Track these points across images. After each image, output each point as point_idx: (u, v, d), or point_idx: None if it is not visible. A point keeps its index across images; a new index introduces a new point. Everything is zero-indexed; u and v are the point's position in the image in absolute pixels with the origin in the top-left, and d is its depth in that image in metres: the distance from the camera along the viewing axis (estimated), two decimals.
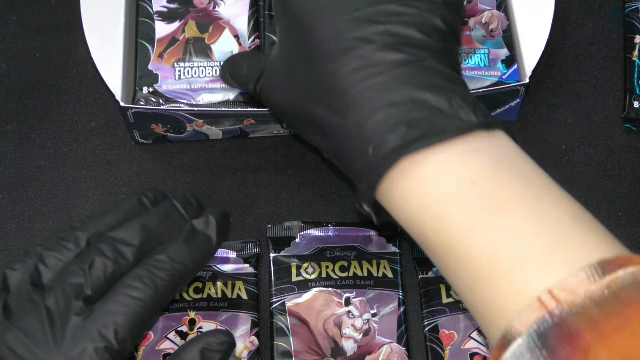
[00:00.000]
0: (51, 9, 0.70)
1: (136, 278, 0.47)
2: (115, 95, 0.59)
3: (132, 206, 0.52)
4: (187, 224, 0.51)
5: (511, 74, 0.63)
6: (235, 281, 0.59)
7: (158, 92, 0.61)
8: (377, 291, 0.60)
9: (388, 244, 0.61)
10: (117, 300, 0.47)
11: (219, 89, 0.62)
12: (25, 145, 0.65)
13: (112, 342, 0.46)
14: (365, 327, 0.58)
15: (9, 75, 0.68)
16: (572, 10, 0.71)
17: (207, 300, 0.59)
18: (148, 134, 0.63)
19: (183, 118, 0.61)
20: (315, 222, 0.62)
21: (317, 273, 0.60)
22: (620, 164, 0.65)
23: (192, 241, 0.51)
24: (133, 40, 0.64)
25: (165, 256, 0.49)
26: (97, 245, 0.49)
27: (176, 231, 0.51)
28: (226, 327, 0.58)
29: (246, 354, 0.57)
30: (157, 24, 0.64)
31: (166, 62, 0.63)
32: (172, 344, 0.57)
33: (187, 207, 0.53)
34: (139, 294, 0.47)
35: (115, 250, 0.48)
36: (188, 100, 0.61)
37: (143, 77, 0.62)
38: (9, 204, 0.63)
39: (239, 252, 0.61)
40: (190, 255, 0.50)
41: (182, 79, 0.62)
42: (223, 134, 0.64)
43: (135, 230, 0.50)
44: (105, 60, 0.61)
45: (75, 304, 0.46)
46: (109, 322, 0.46)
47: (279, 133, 0.65)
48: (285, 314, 0.59)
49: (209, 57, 0.63)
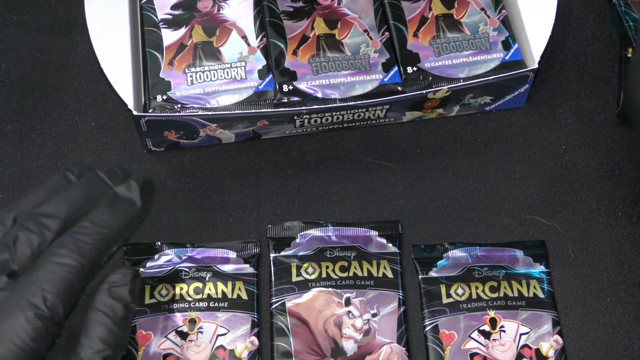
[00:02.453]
0: (51, 9, 0.70)
1: (60, 245, 0.47)
2: (127, 104, 0.59)
3: (56, 182, 0.52)
4: (109, 190, 0.52)
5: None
6: (235, 281, 0.59)
7: (172, 99, 0.61)
8: (377, 291, 0.60)
9: (388, 244, 0.61)
10: (42, 268, 0.46)
11: (232, 90, 0.62)
12: (25, 145, 0.65)
13: (42, 308, 0.45)
14: (365, 327, 0.58)
15: (9, 75, 0.68)
16: (572, 10, 0.71)
17: (207, 300, 0.59)
18: (160, 141, 0.63)
19: (196, 123, 0.61)
20: (315, 222, 0.62)
21: (317, 273, 0.60)
22: (620, 164, 0.65)
23: (114, 205, 0.50)
24: (140, 50, 0.64)
25: (88, 221, 0.49)
26: (21, 222, 0.49)
27: (101, 200, 0.51)
28: (226, 327, 0.58)
29: (246, 354, 0.57)
30: (163, 31, 0.64)
31: (177, 68, 0.63)
32: (172, 344, 0.57)
33: (111, 176, 0.53)
34: (63, 259, 0.47)
35: (40, 223, 0.48)
36: (203, 104, 0.61)
37: (155, 85, 0.62)
38: (9, 204, 0.63)
39: (239, 252, 0.61)
40: (114, 219, 0.50)
41: (195, 84, 0.62)
42: (236, 137, 0.64)
43: (59, 202, 0.49)
44: (116, 72, 0.61)
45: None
46: (35, 290, 0.45)
47: (292, 133, 0.65)
48: (285, 314, 0.59)
49: (219, 60, 0.63)
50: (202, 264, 0.60)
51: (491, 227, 0.63)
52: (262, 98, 0.62)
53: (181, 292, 0.59)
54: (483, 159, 0.66)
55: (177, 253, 0.60)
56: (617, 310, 0.60)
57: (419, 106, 0.64)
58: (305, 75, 0.63)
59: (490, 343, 0.58)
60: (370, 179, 0.65)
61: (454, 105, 0.65)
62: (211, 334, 0.58)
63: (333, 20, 0.65)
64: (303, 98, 0.62)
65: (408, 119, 0.66)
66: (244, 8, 0.66)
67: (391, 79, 0.63)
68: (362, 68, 0.63)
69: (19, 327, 0.45)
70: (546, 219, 0.63)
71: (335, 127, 0.65)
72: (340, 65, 0.63)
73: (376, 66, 0.63)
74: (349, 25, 0.65)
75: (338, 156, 0.66)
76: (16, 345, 0.45)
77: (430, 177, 0.65)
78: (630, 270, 0.62)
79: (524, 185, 0.65)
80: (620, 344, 0.59)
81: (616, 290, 0.61)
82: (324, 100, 0.62)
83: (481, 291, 0.60)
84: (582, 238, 0.63)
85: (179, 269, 0.60)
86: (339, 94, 0.62)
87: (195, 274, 0.60)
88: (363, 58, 0.64)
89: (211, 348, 0.57)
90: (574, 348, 0.59)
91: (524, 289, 0.60)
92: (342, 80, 0.63)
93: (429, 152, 0.66)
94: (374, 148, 0.66)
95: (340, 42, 0.64)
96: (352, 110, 0.62)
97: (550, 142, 0.66)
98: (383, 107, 0.62)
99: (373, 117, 0.64)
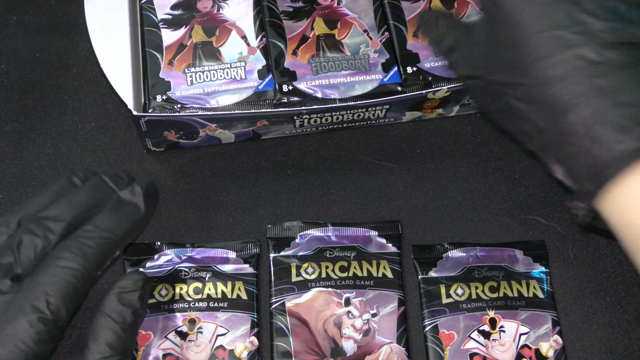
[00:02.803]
0: (51, 9, 0.70)
1: (64, 249, 0.47)
2: (127, 104, 0.59)
3: (62, 186, 0.52)
4: (114, 195, 0.52)
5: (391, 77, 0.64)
6: (234, 281, 0.60)
7: (172, 99, 0.61)
8: (377, 291, 0.60)
9: (388, 244, 0.61)
10: (46, 272, 0.46)
11: (232, 90, 0.62)
12: (25, 145, 0.65)
13: (45, 311, 0.45)
14: (365, 327, 0.58)
15: (9, 75, 0.68)
16: None
17: (207, 300, 0.59)
18: (160, 141, 0.63)
19: (196, 123, 0.61)
20: (315, 222, 0.62)
21: (316, 273, 0.60)
22: None
23: (119, 210, 0.51)
24: (139, 50, 0.64)
25: (92, 225, 0.49)
26: (26, 225, 0.49)
27: (106, 204, 0.51)
28: (226, 327, 0.58)
29: (246, 354, 0.57)
30: (163, 31, 0.64)
31: (176, 68, 0.63)
32: (171, 344, 0.57)
33: (116, 180, 0.53)
34: (67, 262, 0.46)
35: (44, 227, 0.48)
36: (202, 104, 0.61)
37: (155, 85, 0.62)
38: (9, 204, 0.63)
39: (239, 252, 0.61)
40: (118, 223, 0.50)
41: (195, 84, 0.62)
42: (235, 137, 0.64)
43: (64, 206, 0.50)
44: (115, 72, 0.61)
45: (2, 282, 0.46)
46: (39, 294, 0.45)
47: (291, 133, 0.65)
48: (284, 314, 0.59)
49: (218, 60, 0.63)
50: (201, 264, 0.60)
51: (491, 227, 0.63)
52: (262, 98, 0.62)
53: (181, 292, 0.59)
54: (483, 159, 0.66)
55: (176, 253, 0.60)
56: (617, 310, 0.60)
57: (419, 106, 0.64)
58: (305, 75, 0.63)
59: (490, 343, 0.58)
60: (370, 179, 0.65)
61: (454, 105, 0.65)
62: (211, 334, 0.58)
63: (333, 20, 0.65)
64: (303, 98, 0.62)
65: (408, 119, 0.66)
66: (243, 8, 0.66)
67: (391, 79, 0.63)
68: (361, 68, 0.63)
69: (22, 330, 0.45)
70: (546, 219, 0.63)
71: (335, 127, 0.65)
72: (340, 66, 0.63)
73: (376, 66, 0.63)
74: (349, 26, 0.65)
75: (338, 156, 0.66)
76: (19, 349, 0.45)
77: (430, 177, 0.65)
78: (630, 270, 0.62)
79: (524, 185, 0.64)
80: (620, 344, 0.59)
81: (616, 290, 0.61)
82: (324, 101, 0.62)
83: (481, 291, 0.60)
84: (582, 238, 0.63)
85: (179, 269, 0.60)
86: (338, 94, 0.62)
87: (195, 274, 0.60)
88: (363, 58, 0.64)
89: (211, 348, 0.57)
90: (574, 348, 0.59)
91: (524, 289, 0.60)
92: (342, 80, 0.63)
93: (429, 152, 0.66)
94: (374, 148, 0.66)
95: (340, 42, 0.64)
96: (352, 111, 0.62)
97: None
98: (383, 107, 0.62)
99: (373, 117, 0.64)
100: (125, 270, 0.60)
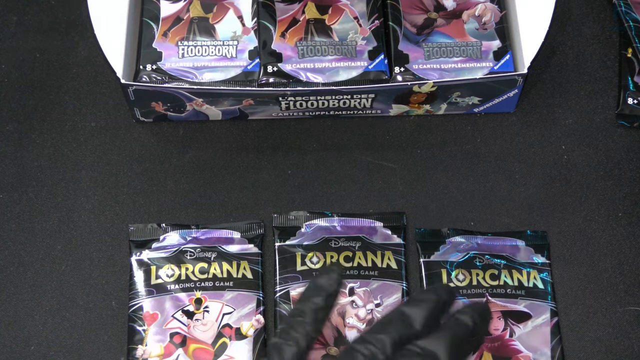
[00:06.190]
0: (51, 9, 0.70)
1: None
2: (116, 72, 0.60)
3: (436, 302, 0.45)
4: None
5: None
6: (240, 261, 0.60)
7: (161, 70, 0.62)
8: (381, 281, 0.60)
9: (393, 235, 0.61)
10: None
11: (221, 67, 0.63)
12: (25, 145, 0.65)
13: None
14: (369, 316, 0.59)
15: (9, 75, 0.68)
16: (572, 10, 0.71)
17: (213, 280, 0.59)
18: (148, 112, 0.64)
19: (182, 96, 0.61)
20: (321, 212, 0.62)
21: (321, 262, 0.60)
22: (620, 164, 0.65)
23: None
24: (137, 19, 0.64)
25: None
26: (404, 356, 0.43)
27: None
28: (232, 306, 0.58)
29: (252, 332, 0.58)
30: (162, 3, 0.65)
31: (170, 40, 0.63)
32: (179, 323, 0.58)
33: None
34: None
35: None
36: (191, 78, 0.62)
37: (147, 54, 0.63)
38: (9, 204, 0.63)
39: (244, 232, 0.61)
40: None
41: (186, 57, 0.63)
42: (222, 115, 0.65)
43: (444, 344, 0.43)
44: (108, 38, 0.61)
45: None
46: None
47: (278, 115, 0.65)
48: (289, 303, 0.59)
49: (212, 37, 0.64)
50: (207, 245, 0.60)
51: (491, 227, 0.63)
52: (249, 78, 0.63)
53: (187, 272, 0.59)
54: (483, 159, 0.66)
55: (182, 234, 0.61)
56: (617, 310, 0.60)
57: (405, 99, 0.64)
58: (290, 57, 0.63)
59: None
60: (370, 179, 0.65)
61: (441, 102, 0.64)
62: (217, 313, 0.58)
63: (325, 5, 0.66)
64: (287, 80, 0.62)
65: (395, 113, 0.66)
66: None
67: (376, 66, 0.63)
68: (348, 54, 0.64)
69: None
70: (546, 219, 0.63)
71: (322, 113, 0.65)
72: (327, 50, 0.64)
73: (362, 53, 0.64)
74: (340, 12, 0.66)
75: (338, 156, 0.66)
76: None
77: (430, 177, 0.65)
78: (630, 270, 0.62)
79: (524, 185, 0.65)
80: (620, 344, 0.59)
81: (616, 290, 0.61)
82: (308, 84, 0.62)
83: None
84: (582, 238, 0.63)
85: (184, 249, 0.60)
86: (323, 78, 0.63)
87: (200, 255, 0.60)
88: (350, 44, 0.64)
89: (217, 326, 0.58)
90: (574, 348, 0.59)
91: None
92: (327, 65, 0.63)
93: (429, 152, 0.66)
94: (374, 148, 0.66)
95: (330, 27, 0.65)
96: (337, 97, 0.62)
97: (550, 142, 0.66)
98: (368, 96, 0.62)
99: (359, 107, 0.64)
100: (132, 251, 0.60)
